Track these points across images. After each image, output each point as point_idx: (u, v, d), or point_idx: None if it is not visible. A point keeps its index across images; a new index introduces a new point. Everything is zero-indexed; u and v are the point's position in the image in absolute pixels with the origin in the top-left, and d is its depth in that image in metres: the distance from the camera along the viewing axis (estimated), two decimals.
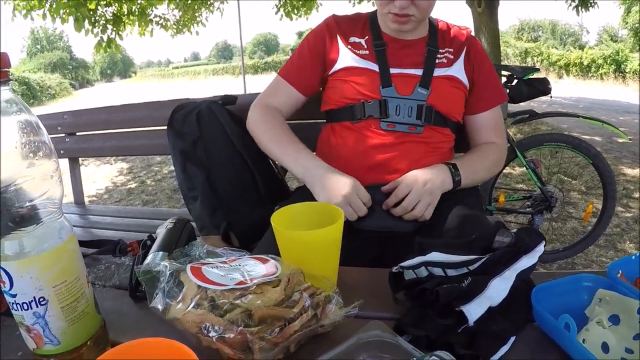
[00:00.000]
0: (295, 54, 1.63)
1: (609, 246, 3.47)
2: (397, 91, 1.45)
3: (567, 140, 3.15)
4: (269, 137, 1.52)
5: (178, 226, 1.03)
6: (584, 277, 0.80)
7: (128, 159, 7.80)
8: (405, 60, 1.48)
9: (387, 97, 1.45)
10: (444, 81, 1.49)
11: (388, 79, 1.46)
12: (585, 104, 11.40)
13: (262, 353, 0.65)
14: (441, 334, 0.69)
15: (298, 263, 0.84)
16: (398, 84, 1.46)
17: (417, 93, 1.45)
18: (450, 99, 1.51)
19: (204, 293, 0.74)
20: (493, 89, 1.59)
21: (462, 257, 0.82)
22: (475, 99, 1.57)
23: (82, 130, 2.63)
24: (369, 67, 1.48)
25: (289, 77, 1.61)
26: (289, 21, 9.72)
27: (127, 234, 2.06)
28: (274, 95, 1.63)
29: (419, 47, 1.50)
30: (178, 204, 5.13)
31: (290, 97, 1.61)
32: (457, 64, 1.52)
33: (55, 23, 6.31)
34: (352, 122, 1.47)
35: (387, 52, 1.49)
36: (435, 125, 1.47)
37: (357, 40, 1.53)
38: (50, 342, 0.69)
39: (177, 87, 31.27)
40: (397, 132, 1.43)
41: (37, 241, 0.65)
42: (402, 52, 1.49)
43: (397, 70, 1.47)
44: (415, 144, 1.44)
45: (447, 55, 1.51)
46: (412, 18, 1.39)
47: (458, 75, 1.51)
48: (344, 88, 1.50)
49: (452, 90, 1.51)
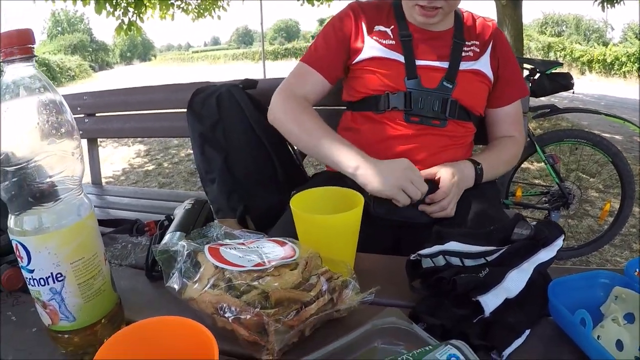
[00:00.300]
0: (320, 39, 1.56)
1: (624, 246, 3.43)
2: (423, 84, 1.43)
3: (588, 137, 3.11)
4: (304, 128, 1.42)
5: (196, 207, 1.03)
6: (601, 274, 0.79)
7: (145, 141, 7.84)
8: (431, 52, 1.46)
9: (412, 89, 1.42)
10: (470, 75, 1.46)
11: (414, 70, 1.43)
12: (607, 101, 11.25)
13: (277, 335, 0.65)
14: (456, 324, 0.69)
15: (316, 247, 0.85)
16: (423, 76, 1.43)
17: (442, 86, 1.43)
18: (475, 93, 1.50)
19: (221, 274, 0.74)
20: (516, 83, 1.57)
21: (480, 247, 0.81)
22: (499, 93, 1.55)
23: (101, 111, 2.64)
24: (394, 57, 1.44)
25: (316, 64, 1.53)
26: (311, 7, 9.67)
27: (143, 215, 2.07)
28: (300, 84, 1.54)
29: (445, 40, 1.47)
30: (194, 187, 5.15)
31: (316, 85, 1.53)
32: (484, 58, 1.49)
33: (76, 5, 6.32)
34: (375, 113, 1.45)
35: (413, 43, 1.45)
36: (459, 120, 1.46)
37: (382, 29, 1.49)
38: (66, 318, 0.69)
39: (196, 71, 31.30)
40: (420, 125, 1.42)
41: (56, 217, 0.65)
42: (428, 44, 1.47)
43: (423, 62, 1.45)
44: (437, 137, 1.43)
45: (473, 49, 1.49)
46: (440, 10, 1.37)
47: (484, 70, 1.49)
48: (368, 78, 1.47)
49: (477, 85, 1.49)
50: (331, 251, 0.86)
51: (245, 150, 1.71)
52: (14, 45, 0.62)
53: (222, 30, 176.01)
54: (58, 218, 0.65)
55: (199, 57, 58.30)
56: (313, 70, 1.52)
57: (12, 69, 0.63)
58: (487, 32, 1.53)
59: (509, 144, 1.56)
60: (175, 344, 0.58)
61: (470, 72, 1.47)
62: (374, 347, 0.63)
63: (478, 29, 1.53)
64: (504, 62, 1.53)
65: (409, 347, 0.61)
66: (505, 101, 1.56)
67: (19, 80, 0.63)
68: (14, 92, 0.62)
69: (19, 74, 0.63)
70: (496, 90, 1.54)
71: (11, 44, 0.62)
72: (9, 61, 0.62)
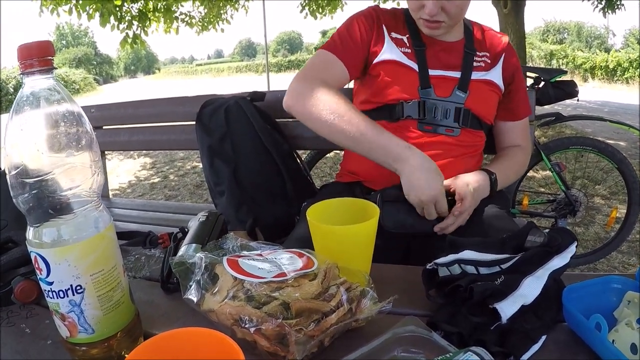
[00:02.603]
0: (344, 31, 1.50)
1: (632, 252, 3.41)
2: (436, 93, 1.43)
3: (593, 144, 3.11)
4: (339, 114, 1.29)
5: (211, 219, 1.04)
6: (613, 279, 0.79)
7: (151, 154, 7.86)
8: (444, 62, 1.46)
9: (425, 98, 1.42)
10: (482, 85, 1.48)
11: (427, 80, 1.43)
12: (610, 108, 11.24)
13: (298, 345, 0.65)
14: (473, 331, 0.69)
15: (333, 257, 0.85)
16: (437, 85, 1.44)
17: (455, 95, 1.44)
18: (487, 102, 1.51)
19: (240, 285, 0.74)
20: (524, 102, 1.60)
21: (494, 255, 0.82)
22: (508, 109, 1.57)
23: (108, 124, 2.65)
24: (410, 65, 1.45)
25: (340, 53, 1.46)
26: (313, 20, 9.72)
27: (152, 228, 2.07)
28: (322, 71, 1.45)
29: (457, 50, 1.49)
30: (201, 200, 5.16)
31: (340, 76, 1.47)
32: (495, 70, 1.50)
33: (81, 19, 6.37)
34: (389, 122, 1.44)
35: (427, 53, 1.46)
36: (471, 128, 1.47)
37: (399, 36, 1.49)
38: (85, 330, 0.69)
39: (200, 84, 31.37)
40: (433, 134, 1.42)
41: (76, 229, 0.65)
42: (441, 54, 1.47)
43: (436, 72, 1.45)
44: (450, 145, 1.43)
45: (484, 60, 1.50)
46: (443, 24, 1.38)
47: (495, 80, 1.50)
48: (383, 87, 1.46)
49: (489, 94, 1.50)
50: (348, 261, 0.86)
51: (254, 162, 1.72)
52: (33, 57, 0.62)
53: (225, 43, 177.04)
54: (77, 230, 0.65)
55: (202, 70, 58.55)
56: (336, 59, 1.45)
57: (32, 80, 0.63)
58: (499, 45, 1.54)
59: (518, 153, 1.57)
60: (200, 355, 0.58)
61: (482, 82, 1.47)
62: (393, 357, 0.64)
63: (488, 41, 1.54)
64: (513, 79, 1.55)
65: (428, 356, 0.62)
66: (514, 117, 1.58)
67: (38, 92, 0.63)
68: (34, 104, 0.62)
69: (39, 85, 0.63)
70: (506, 106, 1.56)
71: (31, 56, 0.62)
72: (28, 73, 0.63)
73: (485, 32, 1.56)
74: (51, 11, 6.34)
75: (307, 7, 9.44)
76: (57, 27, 78.71)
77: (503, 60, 1.52)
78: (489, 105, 1.52)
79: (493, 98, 1.52)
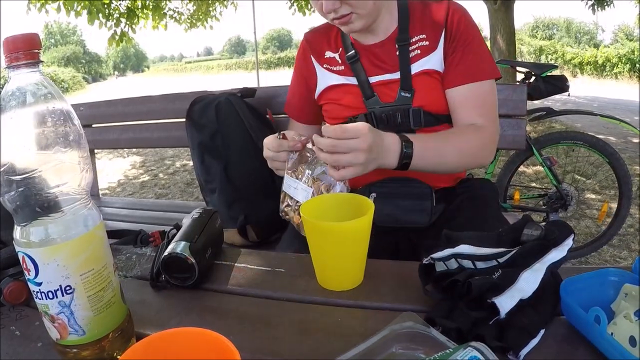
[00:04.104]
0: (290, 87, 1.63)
1: (623, 246, 3.44)
2: (381, 99, 1.38)
3: (584, 139, 3.12)
4: None
5: (204, 216, 1.02)
6: (610, 272, 0.79)
7: (141, 152, 7.83)
8: (380, 66, 1.39)
9: (372, 108, 1.38)
10: (424, 77, 1.36)
11: (369, 89, 1.39)
12: (599, 103, 11.30)
13: None
14: (472, 326, 0.68)
15: (328, 254, 0.85)
16: (380, 92, 1.38)
17: (400, 97, 1.36)
18: (436, 95, 1.37)
19: None
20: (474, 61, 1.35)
21: (491, 249, 0.81)
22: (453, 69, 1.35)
23: (98, 122, 2.63)
24: (348, 82, 1.42)
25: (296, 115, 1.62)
26: (302, 16, 9.71)
27: (143, 226, 2.06)
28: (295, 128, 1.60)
29: (389, 47, 1.38)
30: (191, 198, 5.15)
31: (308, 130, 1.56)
32: (436, 53, 1.35)
33: (69, 16, 6.33)
34: None
35: (362, 61, 1.40)
36: (428, 127, 1.36)
37: (331, 55, 1.47)
38: (75, 332, 0.67)
39: (190, 82, 31.31)
40: None
41: (65, 228, 0.64)
42: (375, 58, 1.40)
43: (376, 78, 1.39)
44: None
45: (420, 45, 1.36)
46: (354, 16, 1.26)
47: (436, 67, 1.35)
48: (330, 110, 1.48)
49: (435, 85, 1.36)
50: (344, 257, 0.86)
51: (245, 158, 1.71)
52: (19, 50, 0.60)
53: (215, 40, 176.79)
54: (66, 229, 0.64)
55: (192, 67, 58.63)
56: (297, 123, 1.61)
57: (18, 74, 0.61)
58: (438, 16, 1.37)
59: (468, 130, 1.33)
60: (195, 355, 0.56)
61: (424, 74, 1.35)
62: (392, 353, 0.63)
63: (427, 15, 1.38)
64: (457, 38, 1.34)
65: (427, 352, 0.61)
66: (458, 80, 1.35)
67: (25, 87, 0.61)
68: (20, 99, 0.60)
69: (25, 80, 0.62)
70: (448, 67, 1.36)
71: (17, 49, 0.60)
72: (14, 67, 0.61)
73: (426, 7, 1.40)
74: (39, 9, 6.30)
75: (296, 4, 9.44)
76: (45, 25, 78.15)
77: (445, 33, 1.35)
78: (440, 97, 1.37)
79: (438, 86, 1.37)
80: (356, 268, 0.89)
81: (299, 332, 0.77)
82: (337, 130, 1.00)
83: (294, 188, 1.20)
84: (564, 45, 27.74)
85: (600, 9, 10.49)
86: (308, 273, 0.93)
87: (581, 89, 14.64)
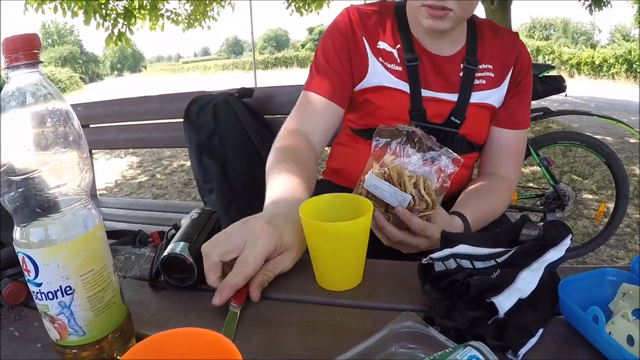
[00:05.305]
0: (320, 59, 1.35)
1: (620, 246, 3.45)
2: (428, 117, 1.29)
3: (581, 139, 3.14)
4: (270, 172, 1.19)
5: (203, 216, 1.02)
6: (608, 271, 0.79)
7: (138, 152, 7.83)
8: (439, 81, 1.29)
9: (416, 123, 1.27)
10: (480, 109, 1.31)
11: (419, 102, 1.28)
12: (596, 103, 11.33)
13: None
14: (471, 326, 0.68)
15: (327, 254, 0.85)
16: (430, 109, 1.29)
17: (449, 122, 1.30)
18: (483, 128, 1.36)
19: None
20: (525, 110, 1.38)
21: (489, 249, 0.81)
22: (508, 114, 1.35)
23: (95, 122, 2.64)
24: (400, 87, 1.29)
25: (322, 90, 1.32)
26: (300, 17, 9.72)
27: (141, 226, 2.06)
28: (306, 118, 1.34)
29: (455, 65, 1.30)
30: (189, 198, 5.15)
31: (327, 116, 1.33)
32: (500, 90, 1.32)
33: (66, 17, 6.33)
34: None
35: (419, 68, 1.28)
36: (464, 154, 1.31)
37: (388, 48, 1.30)
38: (75, 332, 0.67)
39: (187, 82, 31.32)
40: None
41: (64, 228, 0.64)
42: (436, 71, 1.29)
43: (430, 93, 1.29)
44: None
45: (487, 75, 1.31)
46: (451, 14, 1.15)
47: (495, 104, 1.33)
48: (370, 110, 1.33)
49: (485, 118, 1.34)
50: (343, 258, 0.86)
51: (242, 158, 1.71)
52: (19, 50, 0.60)
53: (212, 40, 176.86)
54: (66, 229, 0.64)
55: (189, 67, 58.65)
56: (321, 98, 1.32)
57: (17, 75, 0.61)
58: (510, 54, 1.32)
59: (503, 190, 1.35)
60: (196, 356, 0.56)
61: (481, 106, 1.31)
62: (391, 353, 0.63)
63: (497, 46, 1.33)
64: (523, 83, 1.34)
65: (426, 351, 0.61)
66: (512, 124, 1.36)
67: (25, 87, 0.61)
68: (19, 99, 0.60)
69: (25, 80, 0.61)
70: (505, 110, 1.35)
71: (16, 50, 0.60)
72: (14, 67, 0.61)
73: (497, 33, 1.34)
74: (36, 9, 6.30)
75: (293, 4, 9.45)
76: (42, 25, 78.08)
77: (511, 74, 1.32)
78: (485, 130, 1.36)
79: (488, 120, 1.35)
80: (355, 268, 0.89)
81: (298, 332, 0.77)
82: (417, 227, 1.00)
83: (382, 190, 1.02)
84: (561, 46, 27.79)
85: (597, 9, 10.50)
86: (307, 273, 0.93)
87: (578, 89, 14.66)
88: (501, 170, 1.38)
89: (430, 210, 1.02)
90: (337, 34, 1.33)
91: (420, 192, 1.01)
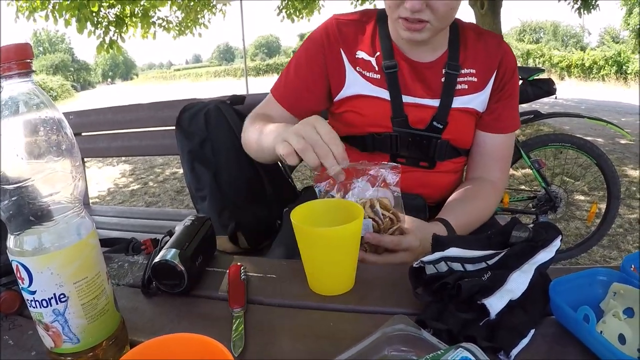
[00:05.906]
0: (291, 69, 1.38)
1: (612, 246, 3.47)
2: (410, 123, 1.29)
3: (572, 141, 3.15)
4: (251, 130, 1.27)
5: (196, 224, 1.02)
6: (599, 271, 0.80)
7: (130, 160, 7.80)
8: (420, 87, 1.29)
9: (398, 129, 1.29)
10: (462, 114, 1.31)
11: (401, 109, 1.29)
12: (587, 105, 11.40)
13: None
14: (462, 328, 0.69)
15: (319, 259, 0.86)
16: (411, 115, 1.29)
17: (431, 127, 1.29)
18: (467, 132, 1.35)
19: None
20: (511, 114, 1.37)
21: (480, 252, 0.82)
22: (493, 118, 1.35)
23: (87, 130, 2.63)
24: (380, 95, 1.29)
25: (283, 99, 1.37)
26: (291, 23, 9.75)
27: (133, 234, 2.06)
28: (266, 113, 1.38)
29: (436, 70, 1.29)
30: (181, 205, 5.13)
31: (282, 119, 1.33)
32: (482, 94, 1.31)
33: (57, 25, 6.32)
34: (360, 152, 1.35)
35: (399, 75, 1.28)
36: (449, 159, 1.35)
37: (366, 57, 1.31)
38: (70, 340, 0.67)
39: (179, 89, 31.29)
40: (409, 166, 1.33)
41: (58, 236, 0.64)
42: (417, 77, 1.29)
43: (411, 99, 1.29)
44: (426, 177, 1.35)
45: (469, 79, 1.30)
46: (428, 25, 1.15)
47: (478, 108, 1.32)
48: (351, 119, 1.34)
49: (469, 122, 1.34)
50: (335, 262, 0.86)
51: (234, 166, 1.71)
52: (11, 60, 0.60)
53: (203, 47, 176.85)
54: (59, 237, 0.64)
55: (181, 75, 58.55)
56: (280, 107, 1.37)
57: (10, 84, 0.61)
58: (494, 57, 1.31)
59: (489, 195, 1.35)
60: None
61: (464, 111, 1.31)
62: (384, 356, 0.63)
63: (481, 50, 1.32)
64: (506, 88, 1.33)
65: (419, 354, 0.61)
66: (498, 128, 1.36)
67: (17, 97, 0.61)
68: (12, 108, 0.61)
69: (17, 89, 0.62)
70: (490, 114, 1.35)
71: (9, 59, 0.60)
72: (7, 76, 0.61)
73: (480, 36, 1.33)
74: (27, 17, 6.28)
75: (285, 10, 9.47)
76: (34, 33, 77.78)
77: (495, 78, 1.31)
78: (469, 134, 1.36)
79: (472, 124, 1.35)
80: (347, 272, 0.90)
81: (291, 337, 0.77)
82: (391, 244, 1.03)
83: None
84: (551, 49, 27.98)
85: (586, 12, 10.55)
86: (299, 278, 0.93)
87: (569, 91, 14.76)
88: (488, 175, 1.38)
89: (396, 224, 1.06)
90: (312, 45, 1.35)
91: (378, 213, 1.04)
